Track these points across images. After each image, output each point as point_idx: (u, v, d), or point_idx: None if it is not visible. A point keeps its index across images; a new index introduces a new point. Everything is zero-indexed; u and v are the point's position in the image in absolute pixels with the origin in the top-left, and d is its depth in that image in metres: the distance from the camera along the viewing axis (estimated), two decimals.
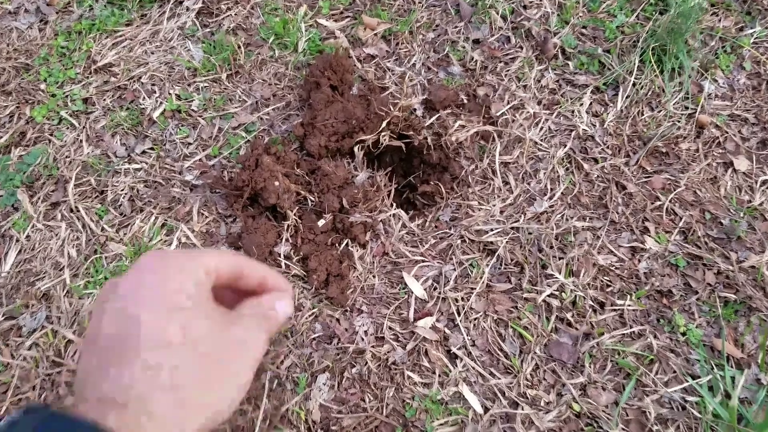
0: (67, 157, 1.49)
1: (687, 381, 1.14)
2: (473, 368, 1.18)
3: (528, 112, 1.46)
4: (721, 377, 1.13)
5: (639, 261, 1.28)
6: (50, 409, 0.35)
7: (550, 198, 1.35)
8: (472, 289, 1.25)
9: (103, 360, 0.37)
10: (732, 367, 1.16)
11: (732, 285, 1.25)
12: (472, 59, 1.56)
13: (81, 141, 1.52)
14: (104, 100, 1.59)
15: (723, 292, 1.24)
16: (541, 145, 1.43)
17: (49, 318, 1.26)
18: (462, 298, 1.24)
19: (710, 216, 1.33)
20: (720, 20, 1.57)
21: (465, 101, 1.50)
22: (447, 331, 1.22)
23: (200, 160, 1.49)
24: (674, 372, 1.16)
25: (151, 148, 1.52)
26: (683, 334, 1.20)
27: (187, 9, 1.80)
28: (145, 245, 1.36)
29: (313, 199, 1.37)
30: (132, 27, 1.76)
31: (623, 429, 1.10)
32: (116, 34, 1.74)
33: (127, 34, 1.75)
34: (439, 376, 1.18)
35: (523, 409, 1.13)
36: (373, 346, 1.21)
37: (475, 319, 1.23)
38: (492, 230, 1.32)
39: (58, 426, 0.34)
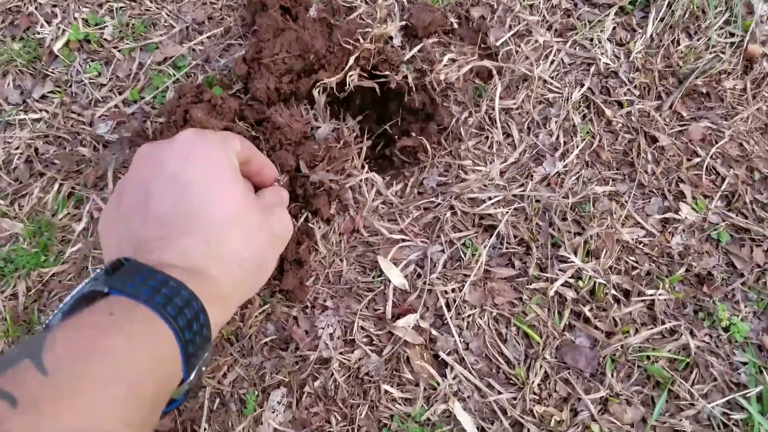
0: None
1: (730, 392, 0.92)
2: (467, 379, 0.94)
3: (536, 40, 1.14)
4: None
5: (672, 235, 1.03)
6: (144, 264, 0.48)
7: (564, 155, 1.07)
8: (465, 276, 0.99)
9: (166, 230, 0.51)
10: None
11: None
12: None
13: None
14: None
15: None
16: (552, 84, 1.12)
17: None
18: (453, 289, 0.98)
19: (760, 176, 1.07)
20: None
21: (455, 26, 1.17)
22: (434, 331, 0.97)
23: (116, 106, 1.16)
24: (715, 380, 0.94)
25: (53, 92, 1.18)
26: (726, 329, 0.97)
27: None
28: (46, 222, 1.06)
29: None
30: None
31: None
32: None
33: None
34: (425, 390, 0.94)
35: (529, 430, 0.90)
36: (340, 353, 0.96)
37: (469, 315, 0.97)
38: (490, 198, 1.04)
39: (155, 279, 0.46)
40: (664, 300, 0.98)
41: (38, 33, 1.23)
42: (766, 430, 0.88)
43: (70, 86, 1.18)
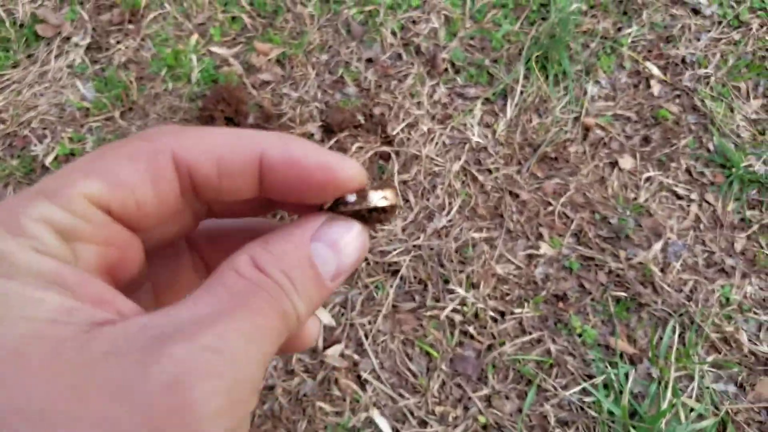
0: None
1: (584, 382, 1.20)
2: (383, 391, 1.20)
3: (422, 128, 1.49)
4: (615, 375, 1.19)
5: (535, 267, 1.33)
6: None
7: (448, 213, 1.39)
8: (378, 311, 1.27)
9: None
10: (626, 363, 1.22)
11: (622, 283, 1.31)
12: (366, 79, 1.57)
13: None
14: None
15: (614, 291, 1.30)
16: (437, 160, 1.46)
17: None
18: (369, 322, 1.26)
19: (600, 216, 1.39)
20: (599, 22, 1.64)
21: (362, 122, 1.52)
22: (356, 356, 1.23)
23: None
24: (572, 374, 1.22)
25: None
26: (579, 335, 1.26)
27: (76, 45, 1.74)
28: None
29: None
30: (19, 69, 1.70)
31: None
32: (2, 77, 1.68)
33: (14, 76, 1.69)
34: (350, 403, 1.19)
35: (432, 426, 1.16)
36: (283, 380, 1.22)
37: (382, 341, 1.25)
38: (395, 250, 1.34)
39: None
40: (531, 316, 1.27)
41: (32, 151, 1.54)
42: (608, 407, 1.15)
43: None
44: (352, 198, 0.23)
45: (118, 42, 1.73)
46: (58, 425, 0.15)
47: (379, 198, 0.23)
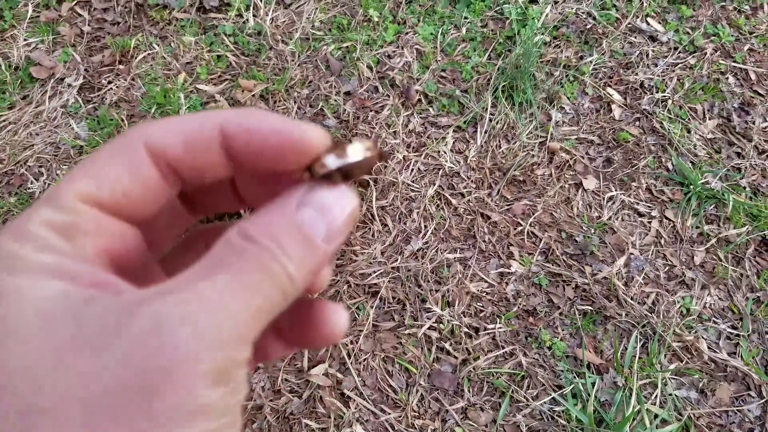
0: None
1: (553, 392, 1.27)
2: (365, 407, 1.27)
3: (398, 156, 1.58)
4: (583, 385, 1.27)
5: (507, 284, 1.41)
6: None
7: (424, 235, 1.47)
8: (360, 331, 1.35)
9: None
10: (593, 373, 1.30)
11: (588, 297, 1.39)
12: (345, 111, 1.67)
13: None
14: None
15: (581, 305, 1.38)
16: (413, 186, 1.55)
17: None
18: (351, 341, 1.34)
19: (566, 234, 1.48)
20: (561, 52, 1.74)
21: None
22: (339, 375, 1.31)
23: None
24: (543, 385, 1.29)
25: None
26: (549, 348, 1.33)
27: (69, 86, 1.83)
28: None
29: None
30: (15, 110, 1.79)
31: None
32: (0, 118, 1.76)
33: (10, 117, 1.77)
34: (334, 419, 1.26)
35: None
36: (271, 400, 1.28)
37: (364, 359, 1.32)
38: (374, 272, 1.42)
39: None
40: (504, 331, 1.35)
41: (29, 188, 1.62)
42: (576, 414, 1.22)
43: None
44: (331, 159, 0.22)
45: (109, 82, 1.82)
46: (41, 378, 0.17)
47: (360, 151, 0.23)
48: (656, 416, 1.24)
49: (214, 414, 0.18)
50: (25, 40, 1.94)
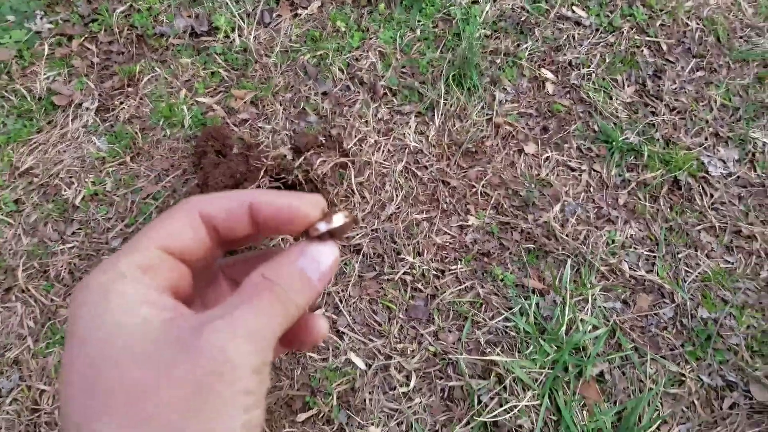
0: (10, 249, 1.81)
1: (506, 312, 1.58)
2: (356, 339, 1.58)
3: (371, 141, 1.90)
4: (529, 305, 1.58)
5: (466, 235, 1.73)
6: None
7: (397, 203, 1.78)
8: (348, 281, 1.66)
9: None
10: (537, 296, 1.61)
11: (532, 238, 1.71)
12: (323, 108, 1.98)
13: (19, 235, 1.85)
14: (32, 197, 1.93)
15: (526, 245, 1.69)
16: (384, 164, 1.86)
17: (22, 377, 1.58)
18: (341, 290, 1.65)
19: (512, 191, 1.79)
20: (501, 42, 2.07)
21: (323, 141, 1.92)
22: (334, 316, 1.62)
23: (120, 229, 1.84)
24: (497, 308, 1.60)
25: (79, 229, 1.86)
26: (501, 280, 1.64)
27: (87, 109, 2.15)
28: None
29: None
30: (43, 133, 2.10)
31: (467, 357, 1.53)
32: (30, 141, 2.08)
33: (39, 139, 2.09)
34: (332, 350, 1.57)
35: (395, 359, 1.54)
36: None
37: (353, 302, 1.63)
38: (357, 234, 1.73)
39: None
40: (464, 271, 1.66)
41: (63, 195, 1.93)
42: (523, 327, 1.53)
43: (90, 223, 1.87)
44: (322, 225, 0.33)
45: (121, 102, 2.14)
46: (147, 385, 0.26)
47: (340, 219, 0.34)
48: (588, 324, 1.55)
49: (254, 395, 0.28)
50: (44, 74, 2.25)
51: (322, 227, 0.33)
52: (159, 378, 0.26)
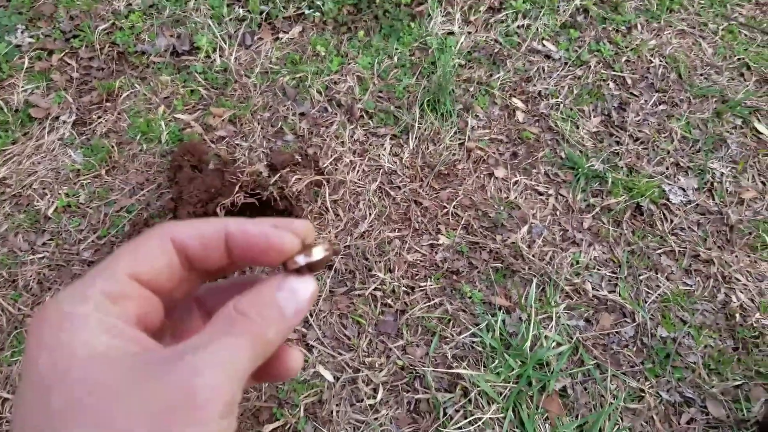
0: None
1: (473, 328, 1.62)
2: (326, 352, 1.59)
3: (346, 161, 1.94)
4: (495, 321, 1.62)
5: (436, 253, 1.77)
6: None
7: (369, 220, 1.82)
8: (319, 296, 1.68)
9: None
10: (504, 313, 1.65)
11: (499, 258, 1.75)
12: (301, 128, 2.03)
13: None
14: (4, 208, 1.92)
15: (494, 264, 1.74)
16: (358, 183, 1.90)
17: None
18: (312, 304, 1.66)
19: (482, 213, 1.85)
20: (474, 71, 2.15)
21: (300, 160, 1.96)
22: (304, 330, 1.63)
23: (92, 241, 1.84)
24: (464, 324, 1.63)
25: (50, 239, 1.85)
26: (470, 297, 1.68)
27: (64, 122, 2.16)
28: None
29: None
30: (18, 144, 2.10)
31: (434, 370, 1.55)
32: (5, 152, 2.07)
33: (14, 150, 2.09)
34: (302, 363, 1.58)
35: (363, 372, 1.55)
36: None
37: (324, 317, 1.65)
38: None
39: None
40: (433, 287, 1.70)
41: (35, 206, 1.93)
42: (489, 342, 1.57)
43: (61, 234, 1.86)
44: (301, 258, 0.31)
45: (98, 117, 2.16)
46: (96, 423, 0.24)
47: (319, 252, 0.32)
48: (552, 341, 1.59)
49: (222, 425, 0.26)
50: (22, 87, 2.27)
51: (301, 260, 0.32)
52: (116, 410, 0.25)
